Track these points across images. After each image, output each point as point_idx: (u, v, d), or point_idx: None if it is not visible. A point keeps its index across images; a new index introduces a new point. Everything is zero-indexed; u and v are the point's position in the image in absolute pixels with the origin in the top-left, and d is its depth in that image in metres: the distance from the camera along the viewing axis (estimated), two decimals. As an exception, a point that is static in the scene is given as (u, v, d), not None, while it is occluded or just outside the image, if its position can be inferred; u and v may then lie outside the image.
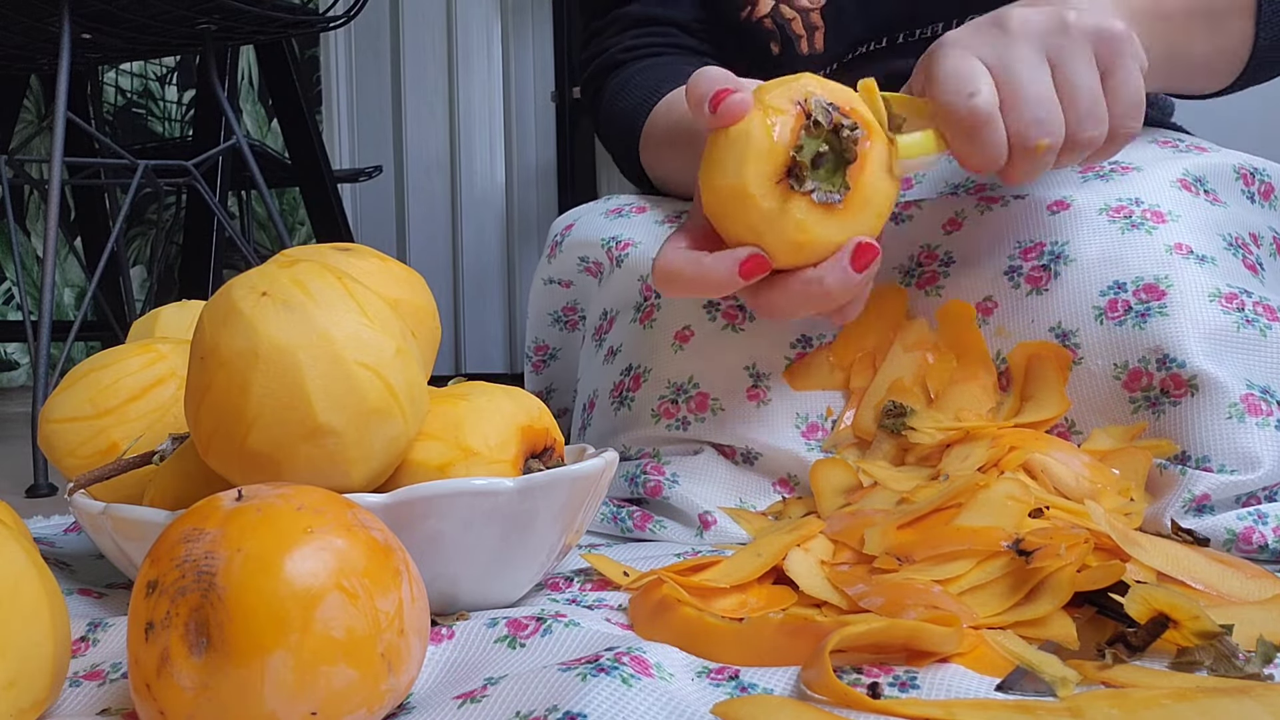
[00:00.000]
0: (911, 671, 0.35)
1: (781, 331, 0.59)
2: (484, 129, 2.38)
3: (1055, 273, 0.55)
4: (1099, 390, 0.53)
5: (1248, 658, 0.34)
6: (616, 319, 0.65)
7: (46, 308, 1.08)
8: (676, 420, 0.59)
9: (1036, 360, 0.54)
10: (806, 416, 0.58)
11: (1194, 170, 0.57)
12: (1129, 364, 0.52)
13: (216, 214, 1.46)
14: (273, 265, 0.40)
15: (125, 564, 0.44)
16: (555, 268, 0.70)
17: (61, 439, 0.49)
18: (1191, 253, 0.53)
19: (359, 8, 1.42)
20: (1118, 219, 0.55)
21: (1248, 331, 0.50)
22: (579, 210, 0.72)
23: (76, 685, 0.36)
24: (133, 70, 2.60)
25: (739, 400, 0.58)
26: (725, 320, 0.59)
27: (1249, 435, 0.48)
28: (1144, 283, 0.52)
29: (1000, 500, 0.45)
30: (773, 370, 0.58)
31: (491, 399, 0.44)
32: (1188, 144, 0.60)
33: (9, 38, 1.26)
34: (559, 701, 0.32)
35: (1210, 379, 0.49)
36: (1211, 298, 0.51)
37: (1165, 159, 0.58)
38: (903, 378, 0.57)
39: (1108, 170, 0.58)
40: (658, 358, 0.61)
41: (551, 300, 0.72)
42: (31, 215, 2.38)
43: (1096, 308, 0.53)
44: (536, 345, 0.75)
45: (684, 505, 0.56)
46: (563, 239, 0.69)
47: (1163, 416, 0.51)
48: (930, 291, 0.58)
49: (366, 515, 0.33)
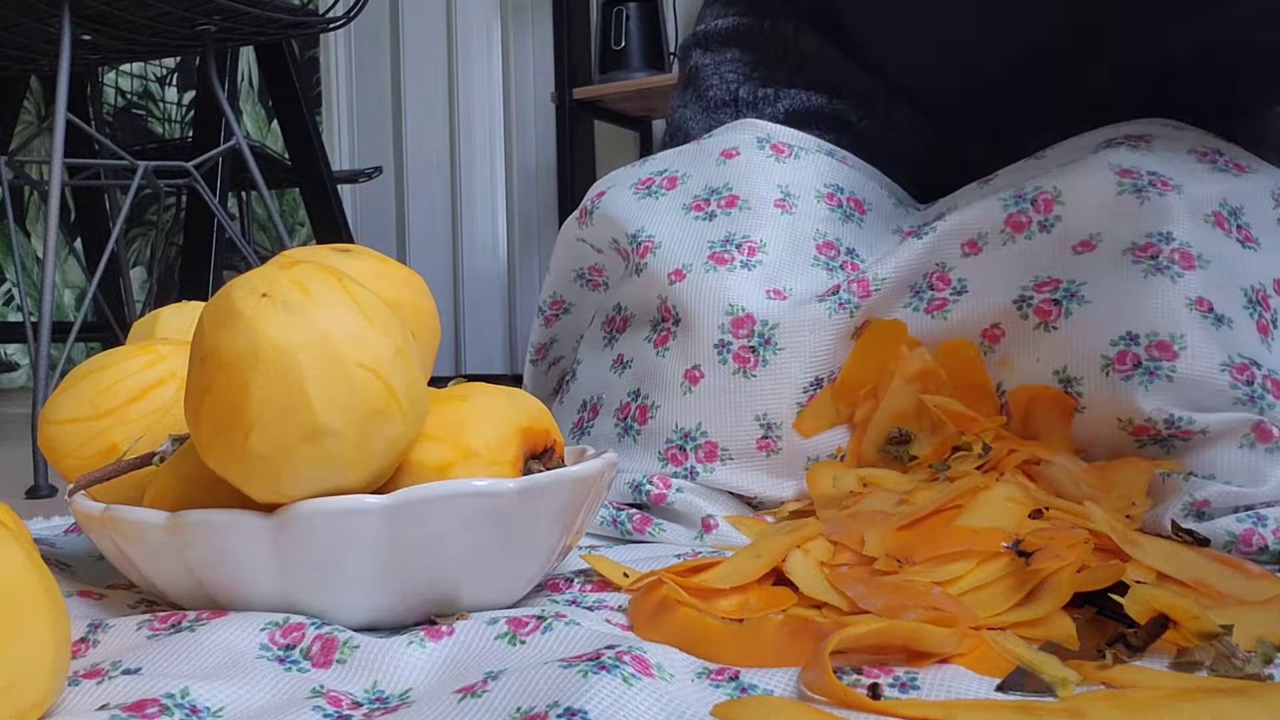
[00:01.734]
0: (911, 672, 0.35)
1: (795, 376, 0.57)
2: (484, 129, 2.38)
3: (1068, 311, 0.53)
4: (1103, 432, 0.52)
5: (1248, 658, 0.34)
6: (631, 325, 0.63)
7: (46, 309, 1.08)
8: (684, 469, 0.58)
9: (1037, 405, 0.54)
10: (818, 458, 0.58)
11: (1231, 199, 0.55)
12: (1134, 421, 0.51)
13: (216, 215, 1.46)
14: (272, 266, 0.40)
15: (125, 565, 0.44)
16: (589, 233, 0.68)
17: (62, 440, 0.49)
18: (1211, 311, 0.51)
19: (359, 8, 1.42)
20: (1143, 260, 0.53)
21: (1249, 408, 0.50)
22: (612, 177, 0.69)
23: (75, 685, 0.36)
24: (132, 71, 2.60)
25: (749, 451, 0.58)
26: (737, 364, 0.58)
27: (1258, 458, 0.48)
28: (1158, 339, 0.51)
29: (1000, 501, 0.45)
30: (784, 420, 0.57)
31: (491, 400, 0.44)
32: (1227, 159, 0.58)
33: (9, 38, 1.26)
34: (560, 697, 0.32)
35: (1220, 427, 0.49)
36: (1223, 368, 0.50)
37: (1203, 178, 0.56)
38: (905, 408, 0.56)
39: (1145, 183, 0.55)
40: (667, 395, 0.59)
41: (581, 258, 0.70)
42: (31, 216, 2.38)
43: (1105, 358, 0.52)
44: (553, 300, 0.73)
45: (687, 509, 0.56)
46: (594, 207, 0.67)
47: (1172, 451, 0.51)
48: (937, 316, 0.58)
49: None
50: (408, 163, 2.47)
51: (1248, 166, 0.58)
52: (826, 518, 0.50)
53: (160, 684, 0.34)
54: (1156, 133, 0.59)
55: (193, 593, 0.42)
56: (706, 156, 0.66)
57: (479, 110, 2.38)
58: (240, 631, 0.38)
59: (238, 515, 0.39)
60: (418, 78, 2.45)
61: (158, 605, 0.46)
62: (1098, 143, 0.60)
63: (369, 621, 0.42)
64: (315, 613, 0.40)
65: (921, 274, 0.59)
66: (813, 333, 0.58)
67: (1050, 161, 0.61)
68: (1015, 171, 0.62)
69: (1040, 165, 0.61)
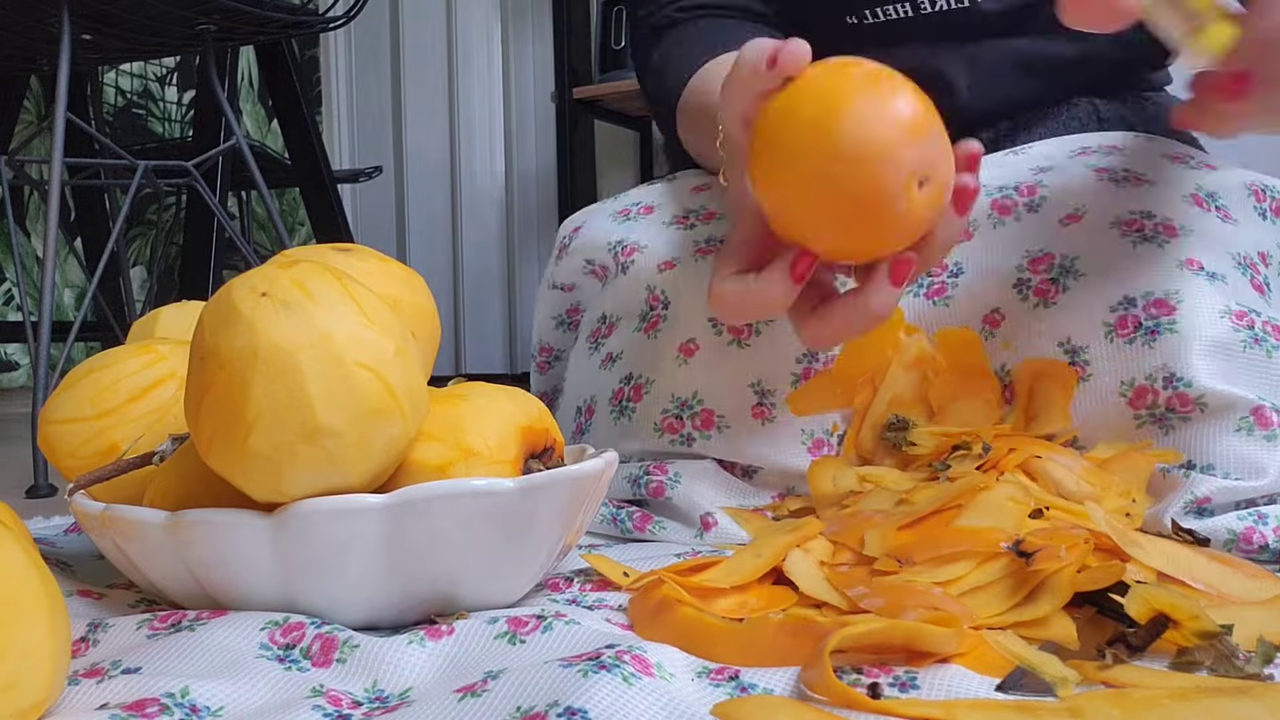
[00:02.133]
0: (911, 672, 0.35)
1: (787, 347, 0.58)
2: (484, 129, 2.38)
3: (1064, 286, 0.54)
4: (1104, 407, 0.52)
5: (1248, 658, 0.34)
6: (618, 326, 0.64)
7: (46, 308, 1.08)
8: (680, 436, 0.59)
9: (1041, 379, 0.54)
10: (812, 433, 0.58)
11: (1206, 186, 0.57)
12: (1135, 381, 0.51)
13: (216, 214, 1.46)
14: (272, 266, 0.40)
15: (125, 565, 0.44)
16: (561, 271, 0.69)
17: (61, 440, 0.49)
18: (1202, 269, 0.52)
19: (359, 8, 1.42)
20: (1129, 233, 0.54)
21: (1254, 351, 0.50)
22: (588, 211, 0.71)
23: (75, 684, 0.36)
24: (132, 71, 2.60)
25: (744, 418, 0.58)
26: (731, 335, 0.59)
27: (1256, 446, 0.48)
28: (1154, 298, 0.52)
29: (1000, 502, 0.45)
30: (778, 388, 0.58)
31: (491, 399, 0.44)
32: (1198, 160, 0.60)
33: (9, 38, 1.26)
34: (560, 697, 0.32)
35: (1219, 398, 0.49)
36: (1222, 315, 0.51)
37: (1177, 175, 0.58)
38: (903, 394, 0.56)
39: (1121, 176, 0.57)
40: (661, 369, 0.60)
41: (556, 305, 0.72)
42: (31, 216, 2.38)
43: (1106, 324, 0.53)
44: (541, 347, 0.74)
45: (686, 505, 0.56)
46: (571, 241, 0.68)
47: (1172, 433, 0.51)
48: (938, 302, 0.58)
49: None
50: (408, 163, 2.47)
51: (1220, 166, 0.60)
52: (826, 517, 0.50)
53: (160, 683, 0.34)
54: (1129, 143, 0.62)
55: (193, 592, 0.42)
56: (679, 189, 0.68)
57: (479, 110, 2.38)
58: (240, 631, 0.38)
59: (238, 515, 0.39)
60: (418, 78, 2.45)
61: (158, 605, 0.46)
62: (1072, 149, 0.62)
63: (369, 621, 0.42)
64: (315, 612, 0.40)
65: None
66: None
67: (1028, 158, 0.62)
68: (997, 159, 0.63)
69: (1019, 160, 0.62)
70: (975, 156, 0.46)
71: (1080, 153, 0.61)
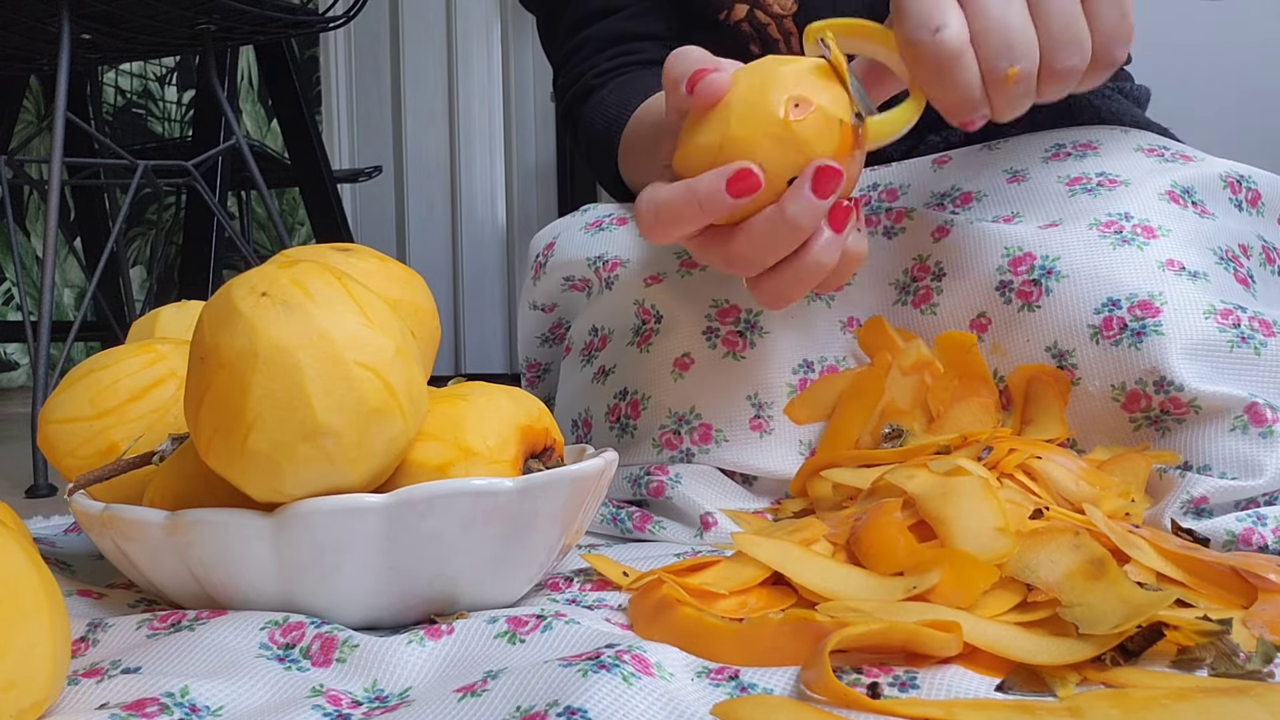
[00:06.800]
0: (911, 671, 0.35)
1: (783, 358, 0.58)
2: (484, 129, 2.38)
3: (1047, 289, 0.54)
4: (1099, 411, 0.52)
5: (1248, 657, 0.34)
6: (610, 340, 0.64)
7: (46, 308, 1.08)
8: (680, 452, 0.59)
9: (1036, 384, 0.54)
10: (810, 443, 0.58)
11: (1182, 182, 0.57)
12: (1126, 385, 0.51)
13: (216, 214, 1.46)
14: (272, 265, 0.40)
15: (125, 564, 0.44)
16: (540, 292, 0.69)
17: (61, 439, 0.49)
18: (1184, 269, 0.52)
19: (359, 8, 1.42)
20: (1108, 234, 0.54)
21: (1242, 350, 0.50)
22: (557, 226, 0.70)
23: (75, 684, 0.36)
24: (132, 70, 2.60)
25: (742, 431, 0.58)
26: (725, 348, 0.59)
27: (1252, 444, 0.48)
28: (1138, 299, 0.51)
29: (1000, 502, 0.45)
30: (775, 399, 0.58)
31: (491, 399, 0.44)
32: (1173, 152, 0.60)
33: (9, 38, 1.26)
34: (559, 696, 0.32)
35: (1211, 400, 0.49)
36: (1207, 314, 0.50)
37: (1152, 171, 0.57)
38: (900, 401, 0.56)
39: (1094, 184, 0.57)
40: (657, 385, 0.60)
41: (538, 325, 0.72)
42: (31, 215, 2.38)
43: (1091, 326, 0.52)
44: (529, 363, 0.75)
45: (686, 505, 0.56)
46: (546, 259, 0.68)
47: (1168, 435, 0.51)
48: (925, 310, 0.58)
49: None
50: (408, 162, 2.47)
51: (1195, 157, 0.59)
52: (827, 518, 0.50)
53: (160, 683, 0.34)
54: (1104, 138, 0.61)
55: (192, 592, 0.42)
56: None
57: (479, 110, 2.38)
58: (240, 630, 0.38)
59: (238, 515, 0.39)
60: (418, 78, 2.45)
61: (157, 604, 0.46)
62: (1045, 148, 0.62)
63: (368, 620, 0.42)
64: (315, 612, 0.40)
65: (902, 269, 0.60)
66: (795, 317, 0.59)
67: (1001, 155, 0.62)
68: (969, 157, 0.63)
69: (992, 157, 0.62)
70: (847, 211, 0.47)
71: (1054, 154, 0.61)
